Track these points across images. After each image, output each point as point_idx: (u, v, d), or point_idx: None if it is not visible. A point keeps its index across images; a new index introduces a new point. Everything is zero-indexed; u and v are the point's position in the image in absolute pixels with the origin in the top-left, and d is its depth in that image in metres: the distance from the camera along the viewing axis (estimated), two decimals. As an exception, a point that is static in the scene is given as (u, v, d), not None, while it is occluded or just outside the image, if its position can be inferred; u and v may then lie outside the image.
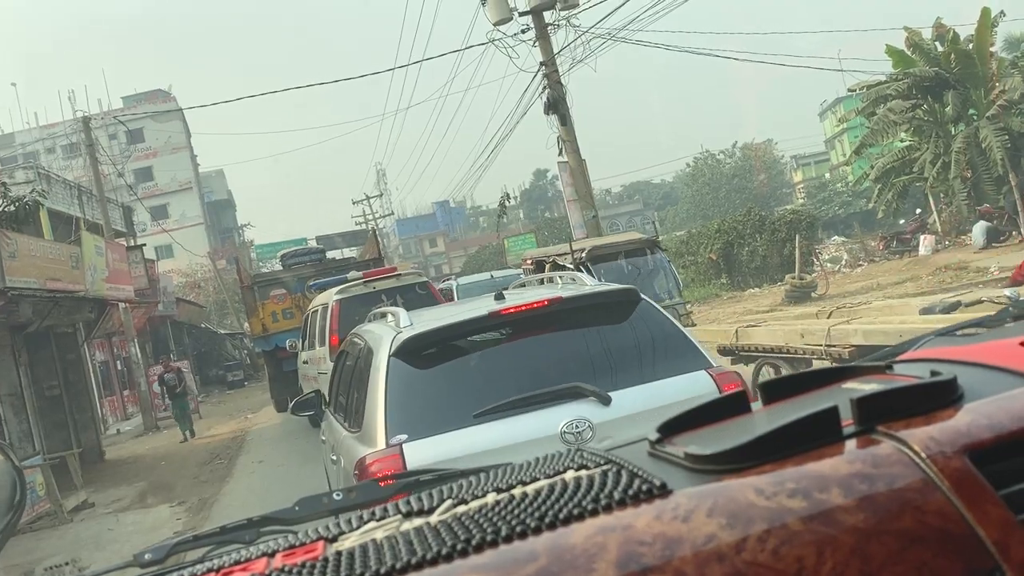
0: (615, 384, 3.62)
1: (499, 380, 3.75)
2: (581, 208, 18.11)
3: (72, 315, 14.49)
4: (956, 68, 25.24)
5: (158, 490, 11.41)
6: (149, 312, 26.22)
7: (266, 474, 10.88)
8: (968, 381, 1.02)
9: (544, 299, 3.93)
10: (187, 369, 21.97)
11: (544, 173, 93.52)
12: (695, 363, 3.86)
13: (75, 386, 15.67)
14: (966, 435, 0.88)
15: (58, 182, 22.50)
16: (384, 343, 3.83)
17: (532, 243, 36.48)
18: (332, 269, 17.67)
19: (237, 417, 19.93)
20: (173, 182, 58.08)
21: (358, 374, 4.23)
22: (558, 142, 17.99)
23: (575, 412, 3.51)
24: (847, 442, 0.93)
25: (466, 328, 3.90)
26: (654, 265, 10.17)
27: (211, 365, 35.70)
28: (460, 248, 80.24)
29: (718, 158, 69.57)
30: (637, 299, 4.06)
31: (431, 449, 3.44)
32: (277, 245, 51.16)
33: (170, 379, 17.93)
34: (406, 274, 12.14)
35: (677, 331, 4.08)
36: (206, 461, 13.30)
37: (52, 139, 52.93)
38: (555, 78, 17.77)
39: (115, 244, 17.48)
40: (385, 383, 3.65)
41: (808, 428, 0.93)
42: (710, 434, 1.07)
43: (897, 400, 0.97)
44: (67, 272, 12.18)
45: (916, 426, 0.92)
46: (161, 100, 57.78)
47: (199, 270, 47.61)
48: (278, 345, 16.47)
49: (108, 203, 24.25)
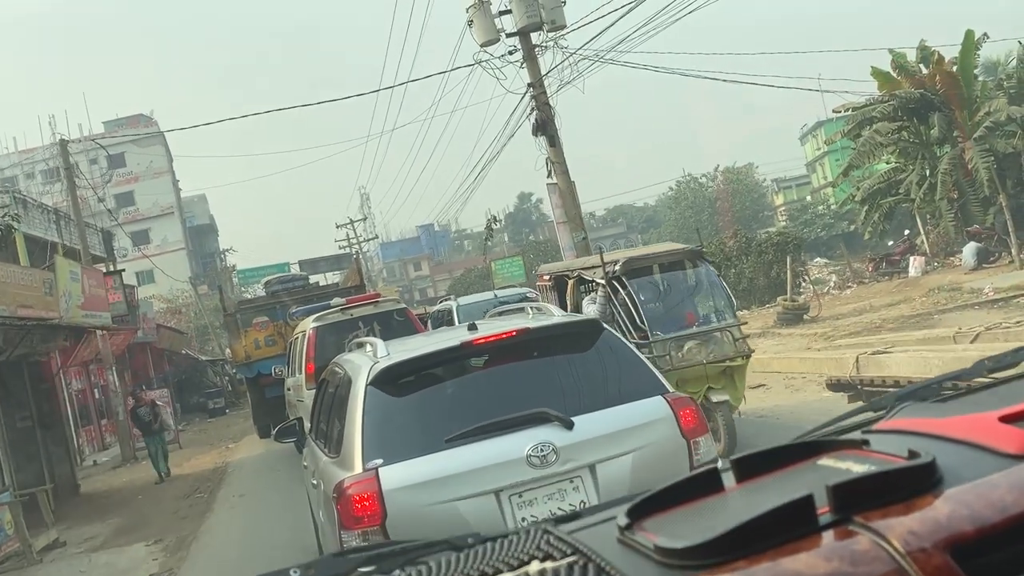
0: (578, 409, 3.82)
1: (470, 406, 3.96)
2: (571, 230, 17.87)
3: (46, 343, 13.98)
4: (941, 90, 25.31)
5: (134, 527, 10.90)
6: (128, 339, 25.63)
7: (248, 508, 10.42)
8: (947, 461, 0.99)
9: (513, 330, 4.19)
10: (163, 401, 21.23)
11: (528, 196, 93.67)
12: (653, 389, 4.08)
13: (49, 417, 15.13)
14: (947, 528, 0.86)
15: (35, 207, 22.04)
16: (362, 372, 4.01)
17: (520, 266, 36.19)
18: (315, 296, 17.74)
19: (218, 447, 19.37)
20: (155, 207, 57.57)
21: (338, 401, 4.38)
22: (547, 163, 17.77)
23: (540, 436, 3.69)
24: (823, 534, 0.90)
25: (440, 358, 4.14)
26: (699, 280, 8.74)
27: (192, 392, 35.06)
28: (445, 271, 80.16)
29: (701, 181, 70.11)
30: (600, 330, 4.33)
31: (405, 472, 3.63)
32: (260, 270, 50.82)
33: (143, 413, 15.88)
34: (383, 301, 12.08)
35: (637, 360, 4.33)
36: (185, 495, 12.79)
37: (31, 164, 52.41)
38: (543, 99, 17.56)
39: (92, 270, 16.99)
40: (362, 410, 3.83)
41: (783, 518, 0.89)
42: (682, 520, 1.03)
43: (875, 486, 0.94)
44: (40, 299, 11.72)
45: (895, 516, 0.89)
46: (143, 125, 57.52)
47: (180, 296, 47.01)
48: (261, 372, 16.56)
49: (87, 228, 23.78)
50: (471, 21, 17.42)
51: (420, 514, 3.58)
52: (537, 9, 16.91)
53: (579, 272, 9.35)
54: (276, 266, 47.16)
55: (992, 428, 1.06)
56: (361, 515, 3.60)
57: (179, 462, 17.56)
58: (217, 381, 36.75)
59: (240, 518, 9.97)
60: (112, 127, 56.89)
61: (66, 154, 20.48)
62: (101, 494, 14.91)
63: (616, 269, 8.17)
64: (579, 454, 3.71)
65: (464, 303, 15.42)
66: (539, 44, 17.64)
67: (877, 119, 25.96)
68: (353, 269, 22.87)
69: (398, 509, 3.59)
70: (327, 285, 24.25)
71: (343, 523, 3.65)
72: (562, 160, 17.78)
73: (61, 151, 20.46)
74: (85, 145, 35.54)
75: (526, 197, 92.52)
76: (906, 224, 29.87)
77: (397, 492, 3.60)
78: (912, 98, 25.40)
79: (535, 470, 3.67)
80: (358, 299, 12.68)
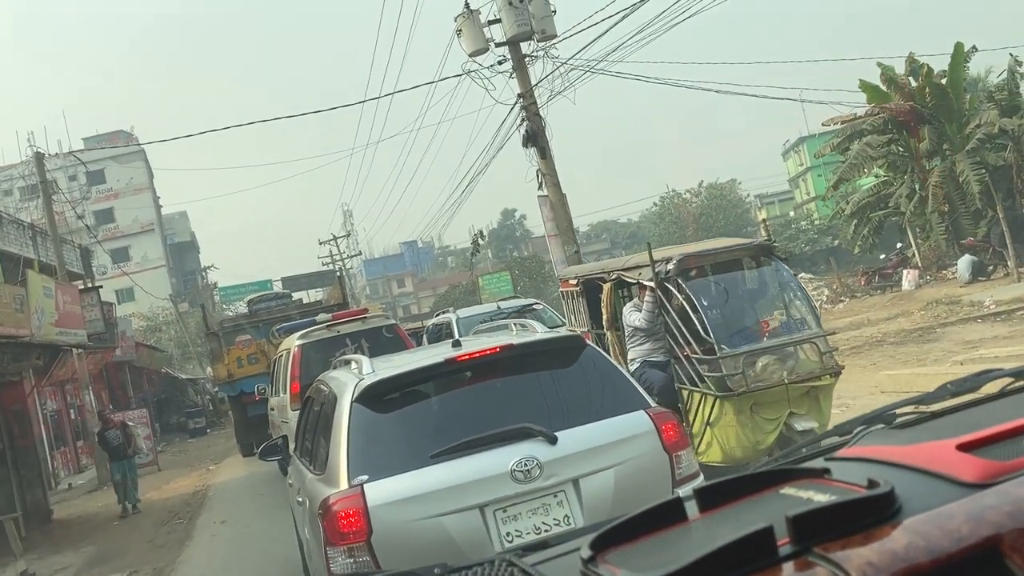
0: (561, 424, 3.85)
1: (455, 422, 3.97)
2: (562, 243, 17.47)
3: (18, 362, 13.35)
4: (931, 102, 25.20)
5: (108, 557, 10.28)
6: (106, 358, 24.94)
7: (230, 537, 9.83)
8: (905, 490, 1.00)
9: (496, 346, 4.23)
10: (141, 421, 20.50)
11: (512, 213, 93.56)
12: (635, 403, 4.12)
13: (21, 440, 14.46)
14: (904, 559, 0.87)
15: (10, 222, 21.40)
16: (347, 389, 4.04)
17: (507, 281, 35.80)
18: (299, 313, 17.49)
19: (199, 469, 18.70)
20: (135, 224, 56.90)
21: (323, 419, 4.38)
22: (537, 175, 17.39)
23: (524, 451, 3.73)
24: (783, 566, 0.90)
25: (424, 374, 4.15)
26: (769, 280, 7.34)
27: (172, 412, 34.30)
28: (429, 288, 79.99)
29: (684, 197, 70.30)
30: (583, 345, 4.40)
31: (391, 488, 3.64)
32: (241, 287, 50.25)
33: (112, 436, 14.10)
34: (372, 317, 11.73)
35: (619, 375, 4.39)
36: (164, 521, 12.16)
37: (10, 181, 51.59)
38: (533, 110, 17.19)
39: (66, 286, 16.35)
40: (348, 427, 3.85)
41: (743, 550, 0.89)
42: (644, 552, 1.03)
43: (834, 517, 0.94)
44: (10, 316, 11.13)
45: (853, 547, 0.90)
46: (123, 141, 56.87)
47: (160, 313, 46.27)
48: (243, 390, 16.62)
49: (64, 244, 23.13)
50: (459, 31, 17.05)
51: (405, 530, 3.59)
52: (527, 18, 16.57)
53: (618, 274, 7.93)
54: (258, 283, 46.65)
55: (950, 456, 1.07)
56: (347, 531, 3.60)
57: (158, 485, 16.91)
58: (198, 400, 36.08)
59: (222, 547, 9.38)
60: (92, 143, 56.18)
61: (41, 167, 19.87)
62: (75, 520, 14.24)
63: (670, 268, 6.81)
64: (563, 469, 3.75)
65: (465, 315, 14.54)
66: (529, 54, 17.31)
67: (868, 132, 25.80)
68: (336, 286, 22.53)
69: (384, 525, 3.59)
70: (311, 302, 24.07)
71: (329, 539, 3.64)
72: (553, 172, 17.41)
73: (36, 164, 19.84)
74: (64, 161, 34.88)
75: (509, 213, 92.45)
76: (894, 238, 29.72)
77: (382, 508, 3.60)
78: (902, 111, 25.29)
79: (519, 485, 3.69)
80: (345, 315, 12.29)
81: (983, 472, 1.01)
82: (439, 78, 19.74)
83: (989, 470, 1.02)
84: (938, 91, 24.98)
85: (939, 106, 25.11)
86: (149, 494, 15.90)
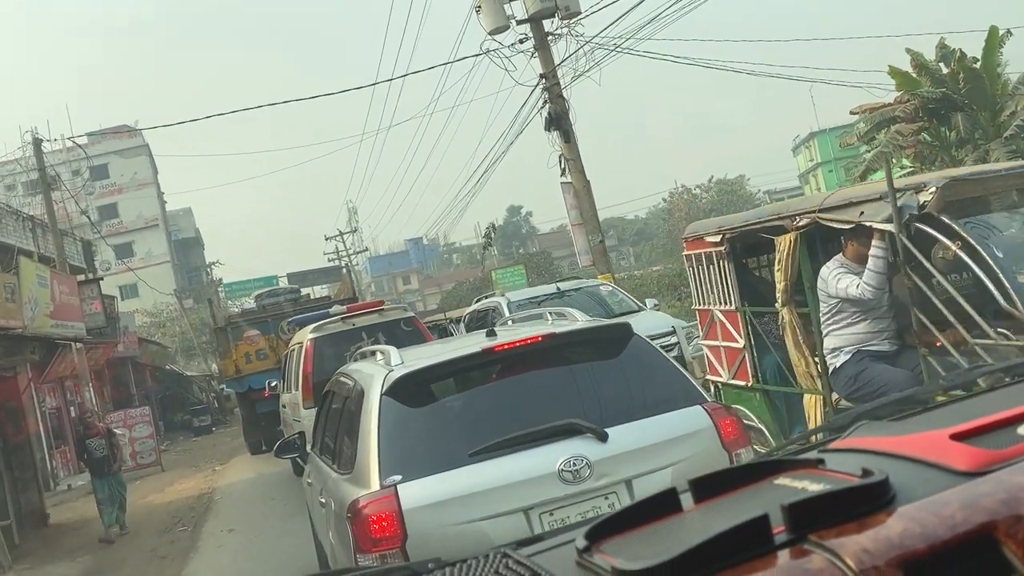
0: (610, 420, 3.58)
1: (494, 418, 3.70)
2: (586, 232, 16.57)
3: (11, 356, 12.48)
4: (964, 88, 24.22)
5: (105, 568, 9.40)
6: (108, 353, 24.10)
7: (238, 547, 8.92)
8: (899, 479, 1.00)
9: (538, 335, 3.92)
10: (143, 419, 19.59)
11: (518, 210, 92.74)
12: (690, 398, 3.84)
13: (15, 439, 13.58)
14: (899, 546, 0.87)
15: (8, 213, 20.58)
16: (376, 382, 3.77)
17: (521, 275, 34.77)
18: (308, 308, 17.12)
19: (204, 470, 17.83)
20: (139, 219, 56.36)
21: (347, 414, 4.12)
22: (560, 161, 16.55)
23: (572, 449, 3.47)
24: (779, 553, 0.90)
25: (459, 365, 3.89)
26: None
27: (176, 410, 33.53)
28: (434, 285, 79.50)
29: (694, 192, 69.51)
30: (630, 334, 4.04)
31: (427, 490, 3.39)
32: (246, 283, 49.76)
33: (96, 446, 11.41)
34: (389, 309, 11.31)
35: (671, 366, 4.07)
36: (167, 527, 11.26)
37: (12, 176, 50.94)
38: (556, 91, 16.31)
39: (63, 276, 15.46)
40: (377, 423, 3.59)
41: (739, 538, 0.90)
42: (639, 541, 1.03)
43: (829, 505, 0.95)
44: (0, 305, 10.25)
45: (848, 534, 0.90)
46: (127, 135, 56.24)
47: (165, 309, 45.58)
48: (252, 386, 16.55)
49: (66, 237, 22.29)
50: (479, 7, 16.19)
51: (443, 535, 3.30)
52: (551, -7, 15.68)
53: (813, 217, 5.07)
54: (264, 279, 46.19)
55: (944, 446, 1.07)
56: (379, 536, 3.33)
57: (160, 487, 16.04)
58: (203, 398, 35.33)
59: (229, 559, 8.46)
60: (95, 138, 55.52)
61: (39, 153, 19.02)
62: (72, 525, 13.33)
63: (926, 201, 4.31)
64: (615, 468, 3.49)
65: (517, 298, 12.20)
66: (552, 32, 16.43)
67: (899, 119, 24.82)
68: (345, 281, 22.17)
69: (419, 530, 3.32)
70: (318, 298, 23.74)
71: (360, 546, 3.38)
72: (577, 157, 16.53)
73: (34, 150, 18.98)
74: (67, 156, 34.15)
75: (516, 210, 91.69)
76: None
77: (418, 511, 3.34)
78: (933, 98, 24.32)
79: (568, 486, 3.43)
80: (360, 307, 11.74)
81: (977, 460, 1.01)
82: (455, 58, 18.73)
83: (983, 458, 1.02)
84: (972, 76, 24.01)
85: (972, 92, 24.13)
86: (151, 496, 15.04)
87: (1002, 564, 0.87)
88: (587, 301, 11.22)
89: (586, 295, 11.81)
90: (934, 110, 24.77)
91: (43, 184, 19.13)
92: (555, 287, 11.97)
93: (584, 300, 11.22)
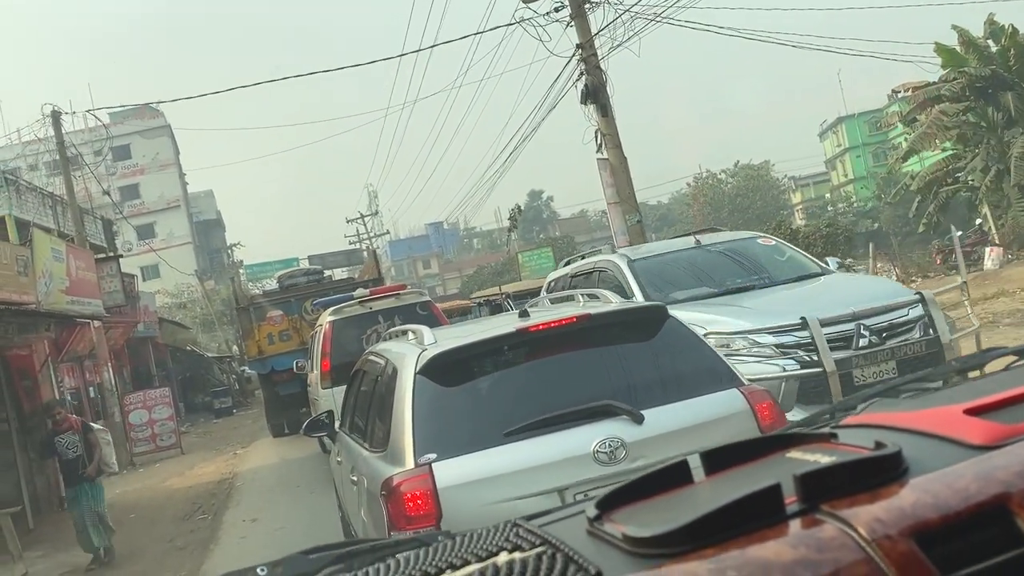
0: (646, 402, 3.58)
1: (527, 398, 3.71)
2: (623, 211, 15.84)
3: (24, 333, 11.95)
4: (1015, 67, 23.15)
5: (121, 560, 8.85)
6: (127, 332, 23.67)
7: (262, 539, 8.31)
8: (913, 453, 1.00)
9: (572, 316, 3.93)
10: (163, 400, 19.11)
11: (539, 194, 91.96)
12: (726, 381, 3.81)
13: (31, 419, 13.08)
14: (911, 516, 0.87)
15: (29, 190, 20.11)
16: (409, 360, 3.79)
17: (549, 257, 34.08)
18: (331, 289, 16.70)
19: (225, 453, 17.35)
20: (161, 200, 56.25)
21: (380, 393, 4.15)
22: (596, 136, 15.78)
23: (607, 431, 3.47)
24: (791, 523, 0.90)
25: (492, 345, 3.86)
26: None
27: (197, 391, 33.20)
28: (455, 270, 79.33)
29: (719, 177, 68.45)
30: (665, 316, 4.04)
31: (461, 468, 3.40)
32: (268, 265, 49.63)
33: (67, 444, 8.92)
34: (405, 293, 11.46)
35: (706, 349, 4.05)
36: (186, 515, 10.72)
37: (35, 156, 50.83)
38: (594, 62, 15.54)
39: (80, 250, 14.91)
40: (412, 401, 3.60)
41: (750, 507, 0.90)
42: (650, 511, 1.03)
43: (841, 476, 0.95)
44: (12, 279, 9.69)
45: (861, 505, 0.90)
46: (149, 116, 56.05)
47: (186, 290, 45.36)
48: (274, 368, 15.94)
49: (85, 215, 21.82)
50: (513, -27, 15.42)
51: (478, 514, 3.22)
52: (589, -41, 14.90)
53: None
54: (284, 261, 45.91)
55: (957, 420, 1.07)
56: (414, 514, 3.34)
57: (180, 471, 15.57)
58: (224, 379, 34.98)
59: (252, 552, 7.83)
60: (118, 118, 55.35)
61: (58, 126, 18.50)
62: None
63: None
64: (650, 450, 3.44)
65: (642, 256, 8.14)
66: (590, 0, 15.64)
67: (945, 98, 23.82)
68: (370, 262, 21.86)
69: (454, 508, 3.34)
70: (340, 279, 23.44)
71: (394, 523, 3.40)
72: (615, 132, 15.77)
73: (53, 123, 18.45)
74: (90, 135, 33.81)
75: (536, 195, 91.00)
76: (961, 216, 27.72)
77: (453, 490, 3.36)
78: (981, 76, 23.31)
79: (603, 467, 3.42)
80: (381, 290, 11.89)
81: (991, 434, 1.01)
82: (486, 28, 17.96)
83: (997, 432, 1.01)
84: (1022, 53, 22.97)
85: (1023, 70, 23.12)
86: (170, 480, 14.56)
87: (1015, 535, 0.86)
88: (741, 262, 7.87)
89: (736, 252, 8.03)
90: (981, 89, 23.76)
91: (61, 157, 18.63)
92: (693, 239, 8.12)
93: (733, 261, 7.87)
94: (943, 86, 24.06)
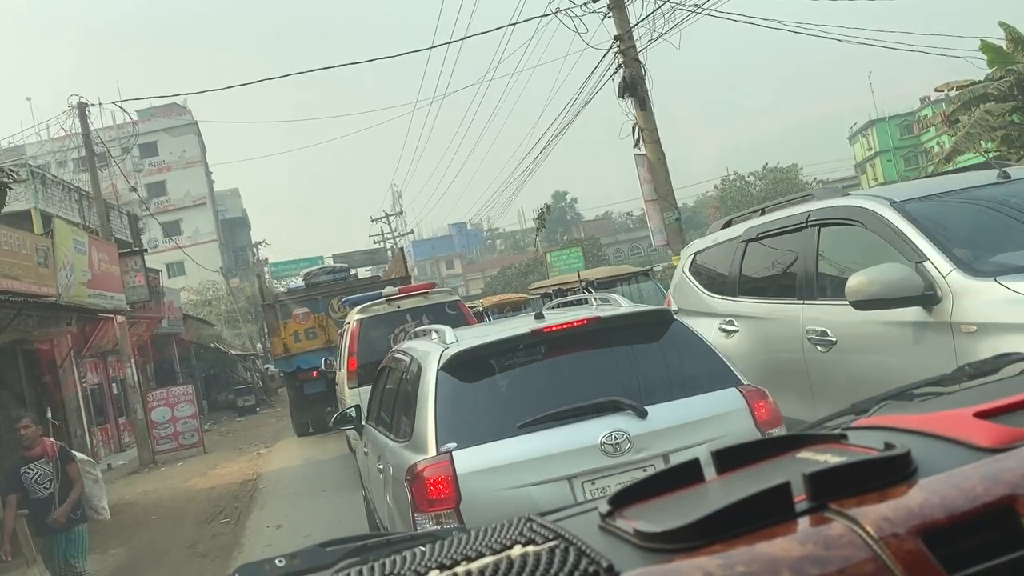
0: (650, 399, 3.79)
1: (541, 393, 3.96)
2: (661, 209, 15.29)
3: (45, 327, 11.59)
4: (1067, 64, 22.31)
5: (139, 566, 8.44)
6: (151, 328, 23.42)
7: (287, 548, 7.78)
8: (922, 454, 1.01)
9: (584, 318, 4.18)
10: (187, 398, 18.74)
11: (563, 196, 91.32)
12: (726, 380, 4.01)
13: (52, 414, 12.74)
14: (919, 515, 0.88)
15: (54, 184, 19.89)
16: (432, 358, 4.04)
17: (578, 256, 33.61)
18: (357, 288, 16.59)
19: (248, 453, 16.97)
20: (187, 197, 56.35)
21: (405, 387, 4.41)
22: (633, 131, 15.26)
23: (613, 424, 3.69)
24: (799, 520, 0.92)
25: (509, 344, 4.09)
26: None
27: (220, 389, 32.99)
28: (478, 271, 79.12)
29: (747, 180, 67.53)
30: (670, 320, 4.30)
31: (479, 457, 3.63)
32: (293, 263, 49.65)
33: (37, 477, 6.83)
34: (434, 293, 11.35)
35: (708, 350, 4.21)
36: (208, 518, 10.29)
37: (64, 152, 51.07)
38: (632, 55, 15.01)
39: (102, 242, 14.56)
40: (434, 395, 3.84)
41: (760, 505, 0.91)
42: (662, 507, 1.05)
43: (850, 476, 0.96)
44: (31, 270, 9.32)
45: (869, 504, 0.91)
46: (176, 114, 56.25)
47: (211, 288, 45.30)
48: (300, 367, 15.76)
49: (111, 210, 21.59)
50: (549, -37, 14.92)
51: (493, 499, 3.52)
52: (629, -52, 14.37)
53: None
54: (309, 260, 45.90)
55: (967, 423, 1.08)
56: (435, 498, 3.57)
57: (203, 470, 15.19)
58: (247, 377, 34.74)
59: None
60: (145, 115, 55.56)
61: (84, 119, 18.22)
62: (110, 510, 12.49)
63: None
64: (653, 443, 3.69)
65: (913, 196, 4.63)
66: (629, -10, 15.10)
67: (992, 97, 23.00)
68: (398, 259, 21.61)
69: (472, 493, 3.56)
70: (366, 278, 23.40)
71: (417, 505, 3.61)
72: (653, 127, 15.23)
73: (79, 116, 18.19)
74: (118, 132, 33.77)
75: (561, 196, 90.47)
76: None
77: (471, 476, 3.57)
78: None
79: (609, 458, 3.63)
80: (409, 289, 11.65)
81: (1000, 437, 1.01)
82: (520, 19, 17.51)
83: (1006, 436, 1.02)
84: (1075, 51, 22.13)
85: (1075, 69, 22.27)
86: (192, 480, 14.18)
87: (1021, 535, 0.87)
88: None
89: None
90: (1030, 88, 22.94)
91: (87, 149, 18.36)
92: (997, 172, 4.72)
93: None
94: (990, 84, 23.24)
